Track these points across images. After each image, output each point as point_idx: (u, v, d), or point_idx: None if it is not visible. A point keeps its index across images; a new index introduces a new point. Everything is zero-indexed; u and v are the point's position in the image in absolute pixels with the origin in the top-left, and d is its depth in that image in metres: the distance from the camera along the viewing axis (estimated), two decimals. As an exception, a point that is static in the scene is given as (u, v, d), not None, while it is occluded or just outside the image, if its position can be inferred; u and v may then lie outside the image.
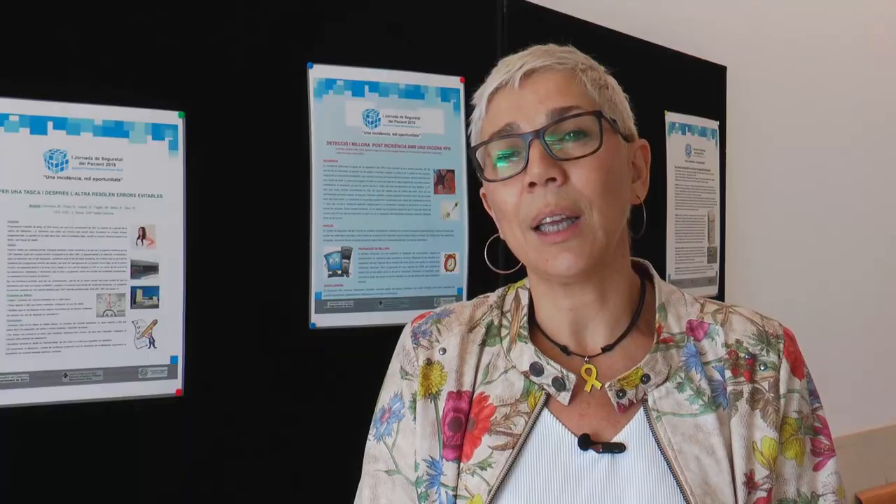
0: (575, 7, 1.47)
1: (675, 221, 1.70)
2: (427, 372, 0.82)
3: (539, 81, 0.77)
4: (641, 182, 0.84)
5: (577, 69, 0.78)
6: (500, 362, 0.81)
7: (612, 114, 0.79)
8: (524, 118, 0.76)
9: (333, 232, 1.21)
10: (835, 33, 2.20)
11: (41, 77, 1.01)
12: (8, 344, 0.99)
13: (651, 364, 0.78)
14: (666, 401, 0.77)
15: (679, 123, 1.70)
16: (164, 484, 1.08)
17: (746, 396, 0.77)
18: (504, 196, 0.77)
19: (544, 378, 0.78)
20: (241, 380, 1.13)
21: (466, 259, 1.31)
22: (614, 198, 0.76)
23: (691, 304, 0.84)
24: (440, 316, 0.86)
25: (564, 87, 0.76)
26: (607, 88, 0.80)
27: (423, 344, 0.84)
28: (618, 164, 0.78)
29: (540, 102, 0.76)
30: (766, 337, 0.81)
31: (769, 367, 0.79)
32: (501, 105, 0.78)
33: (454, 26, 1.31)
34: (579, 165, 0.74)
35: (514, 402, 0.78)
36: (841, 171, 2.23)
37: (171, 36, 1.09)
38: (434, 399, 0.80)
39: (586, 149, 0.75)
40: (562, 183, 0.74)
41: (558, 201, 0.74)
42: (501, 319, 0.85)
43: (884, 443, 2.30)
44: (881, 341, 2.33)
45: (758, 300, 1.97)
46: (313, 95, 1.19)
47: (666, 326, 0.81)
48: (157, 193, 1.08)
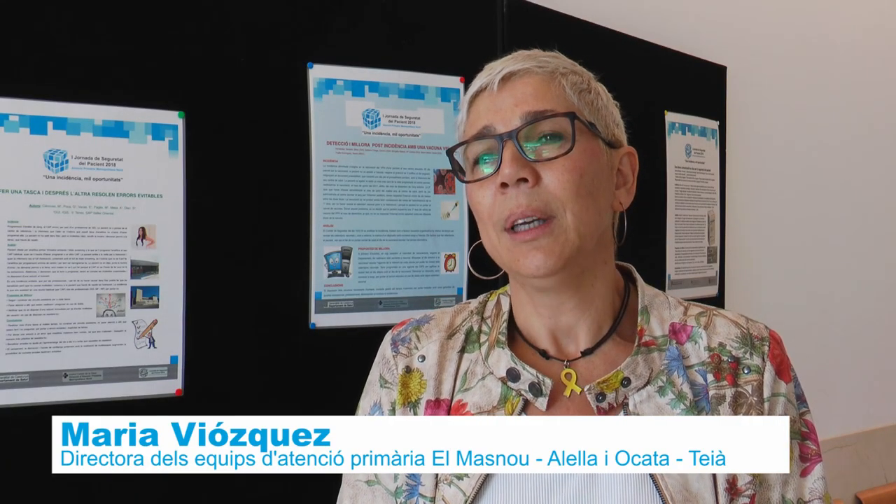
0: (575, 7, 1.48)
1: (675, 221, 1.70)
2: (406, 380, 0.81)
3: (517, 85, 0.77)
4: (626, 189, 0.82)
5: (556, 73, 0.77)
6: (479, 368, 0.80)
7: (592, 118, 0.78)
8: (500, 120, 0.76)
9: (333, 232, 1.21)
10: (835, 33, 2.20)
11: (41, 77, 1.01)
12: (8, 344, 0.99)
13: (632, 367, 0.77)
14: (647, 404, 0.76)
15: (679, 123, 1.70)
16: (163, 484, 1.08)
17: (729, 400, 0.76)
18: (479, 198, 0.77)
19: (521, 384, 0.77)
20: (241, 380, 1.13)
21: (466, 259, 1.30)
22: (589, 200, 0.75)
23: (675, 307, 0.83)
24: (420, 323, 0.86)
25: (541, 91, 0.76)
26: (589, 93, 0.79)
27: (402, 352, 0.83)
28: (594, 168, 0.76)
29: (516, 105, 0.76)
30: (751, 340, 0.80)
31: (753, 371, 0.78)
32: (480, 108, 0.78)
33: (454, 26, 1.31)
34: (552, 167, 0.74)
35: (492, 409, 0.77)
36: (841, 171, 2.23)
37: (171, 36, 1.09)
38: (413, 407, 0.80)
39: (559, 151, 0.74)
40: (534, 184, 0.73)
41: (529, 202, 0.73)
42: (481, 325, 0.84)
43: (884, 443, 2.30)
44: (881, 341, 2.33)
45: (758, 300, 1.97)
46: (313, 95, 1.19)
47: (648, 329, 0.80)
48: (156, 193, 1.08)
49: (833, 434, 2.12)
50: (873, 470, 2.26)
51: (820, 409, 2.27)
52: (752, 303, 1.92)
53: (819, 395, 2.21)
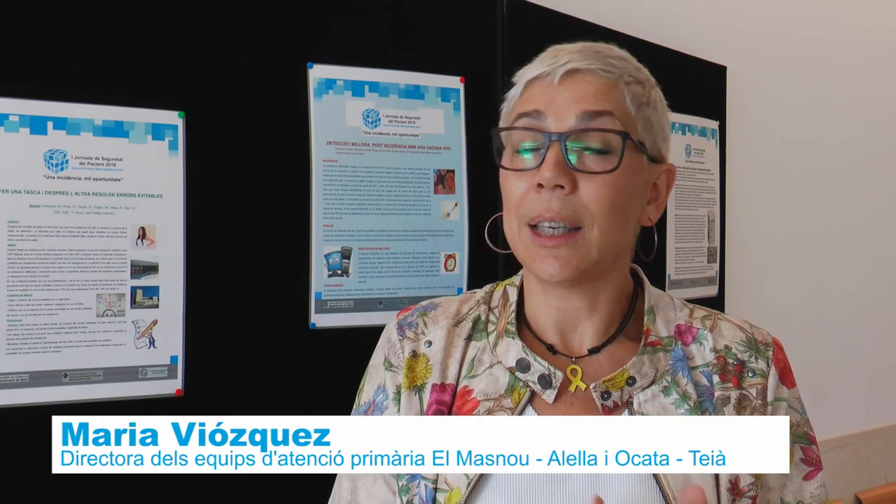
0: (575, 7, 1.48)
1: (675, 221, 1.70)
2: (412, 364, 0.81)
3: (578, 82, 0.75)
4: (657, 205, 0.82)
5: (620, 81, 0.76)
6: (486, 357, 0.81)
7: (644, 134, 0.77)
8: (553, 113, 0.75)
9: (333, 232, 1.21)
10: (835, 33, 2.20)
11: (41, 77, 1.01)
12: (8, 344, 0.99)
13: (637, 366, 0.77)
14: (651, 404, 0.76)
15: (679, 123, 1.70)
16: (163, 484, 1.08)
17: (734, 402, 0.77)
18: (512, 186, 0.77)
19: (530, 375, 0.78)
20: (241, 380, 1.13)
21: (466, 259, 1.30)
22: (620, 218, 0.75)
23: (680, 309, 0.84)
24: (426, 309, 0.86)
25: (602, 94, 0.75)
26: (647, 106, 0.78)
27: (409, 336, 0.83)
28: (632, 184, 0.76)
29: (574, 102, 0.74)
30: (756, 344, 0.80)
31: (758, 374, 0.79)
32: (535, 93, 0.77)
33: (454, 26, 1.31)
34: (592, 179, 0.73)
35: (498, 398, 0.78)
36: (841, 171, 2.23)
37: (171, 36, 1.09)
38: (419, 391, 0.80)
39: (603, 166, 0.74)
40: (570, 192, 0.73)
41: (561, 209, 0.73)
42: (489, 315, 0.84)
43: (884, 443, 2.30)
44: (881, 341, 2.33)
45: (758, 300, 1.97)
46: (313, 95, 1.19)
47: (654, 330, 0.80)
48: (156, 193, 1.08)
49: (833, 434, 2.12)
50: (873, 470, 2.26)
51: (820, 409, 2.28)
52: (752, 303, 1.92)
53: (819, 395, 2.22)
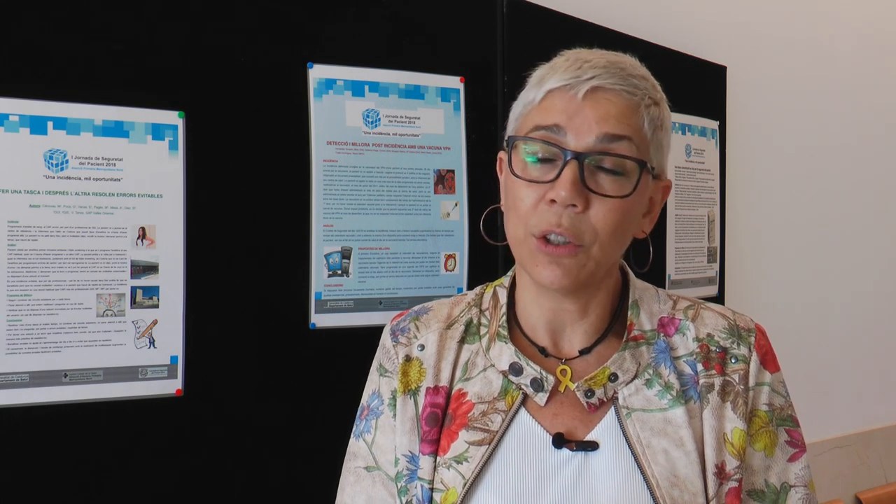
0: (575, 7, 1.48)
1: (675, 221, 1.70)
2: (406, 368, 0.83)
3: (601, 102, 0.76)
4: (650, 218, 0.84)
5: (641, 104, 0.77)
6: (479, 360, 0.82)
7: (654, 156, 0.78)
8: (574, 130, 0.75)
9: (333, 232, 1.21)
10: (835, 33, 2.20)
11: (41, 77, 1.01)
12: (8, 344, 0.99)
13: (618, 363, 0.79)
14: (635, 397, 0.78)
15: (679, 123, 1.70)
16: (163, 484, 1.08)
17: (718, 389, 0.79)
18: (521, 194, 0.77)
19: (523, 378, 0.80)
20: (241, 380, 1.14)
21: (466, 259, 1.31)
22: (621, 238, 0.78)
23: (664, 301, 0.85)
24: (418, 314, 0.88)
25: (625, 116, 0.76)
26: (661, 129, 0.79)
27: (402, 341, 0.85)
28: (637, 206, 0.78)
29: (595, 122, 0.75)
30: (738, 331, 0.82)
31: (740, 360, 0.81)
32: (556, 104, 0.77)
33: (454, 26, 1.31)
34: (604, 202, 0.75)
35: (492, 400, 0.79)
36: (841, 171, 2.23)
37: (171, 36, 1.09)
38: (413, 395, 0.82)
39: (617, 189, 0.75)
40: (581, 211, 0.74)
41: (569, 226, 0.74)
42: (480, 318, 0.86)
43: (884, 443, 2.30)
44: (881, 341, 2.33)
45: (758, 300, 1.97)
46: (313, 95, 1.19)
47: (637, 324, 0.82)
48: (156, 193, 1.08)
49: (833, 434, 2.12)
50: (873, 470, 2.26)
51: (819, 410, 2.28)
52: (751, 303, 1.92)
53: (819, 395, 2.22)
